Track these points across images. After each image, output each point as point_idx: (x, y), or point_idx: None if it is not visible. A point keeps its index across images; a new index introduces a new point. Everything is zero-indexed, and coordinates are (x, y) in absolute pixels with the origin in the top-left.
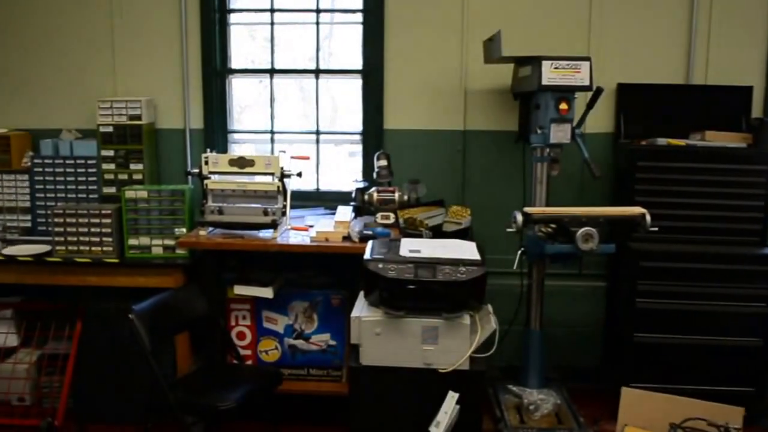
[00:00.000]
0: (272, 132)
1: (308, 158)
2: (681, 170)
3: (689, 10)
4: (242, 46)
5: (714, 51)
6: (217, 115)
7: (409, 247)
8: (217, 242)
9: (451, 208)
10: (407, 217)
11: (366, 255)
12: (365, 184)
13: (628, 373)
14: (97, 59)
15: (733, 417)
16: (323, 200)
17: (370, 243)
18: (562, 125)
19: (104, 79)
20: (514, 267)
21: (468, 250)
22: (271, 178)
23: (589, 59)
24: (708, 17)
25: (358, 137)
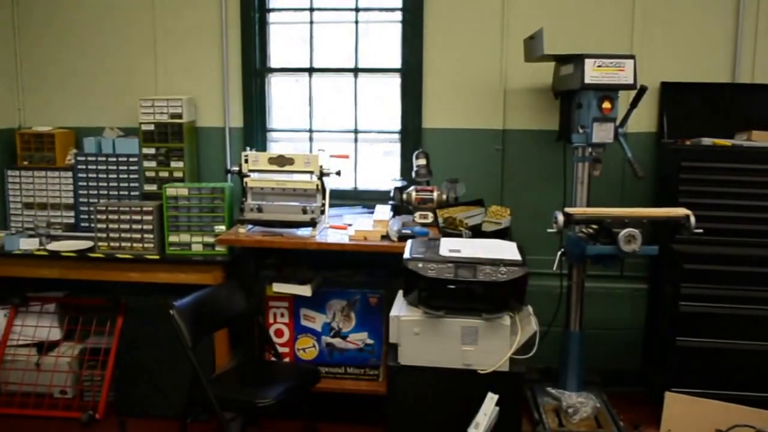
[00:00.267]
0: (311, 131)
1: (347, 157)
2: (726, 171)
3: (735, 7)
4: (281, 45)
5: (761, 49)
6: (257, 114)
7: (449, 246)
8: (256, 240)
9: (491, 207)
10: (446, 216)
11: (405, 254)
12: (404, 183)
13: (669, 377)
14: (140, 59)
15: None
16: (361, 199)
17: (409, 242)
18: (605, 124)
19: (146, 78)
20: (554, 268)
21: (508, 250)
22: (310, 177)
23: (633, 57)
24: (755, 14)
25: (396, 136)
